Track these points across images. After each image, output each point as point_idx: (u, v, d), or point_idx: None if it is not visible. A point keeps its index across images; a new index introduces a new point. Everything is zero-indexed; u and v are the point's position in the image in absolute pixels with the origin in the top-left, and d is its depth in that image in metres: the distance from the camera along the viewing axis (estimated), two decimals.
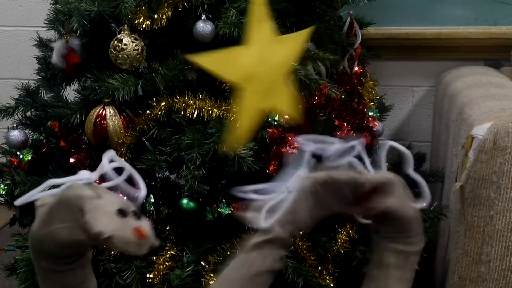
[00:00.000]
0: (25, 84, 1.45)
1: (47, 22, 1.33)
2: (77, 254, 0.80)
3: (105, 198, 0.75)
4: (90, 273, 0.85)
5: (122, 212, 0.75)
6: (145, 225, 0.76)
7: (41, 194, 0.80)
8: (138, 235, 0.73)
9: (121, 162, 0.81)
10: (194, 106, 1.24)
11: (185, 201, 1.20)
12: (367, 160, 0.89)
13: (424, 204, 0.91)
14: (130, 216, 0.76)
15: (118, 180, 0.79)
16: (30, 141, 1.37)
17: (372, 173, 0.89)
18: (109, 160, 0.80)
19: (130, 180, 0.82)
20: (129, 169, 0.82)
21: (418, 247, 0.90)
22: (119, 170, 0.81)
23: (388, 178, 0.91)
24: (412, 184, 0.95)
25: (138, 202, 0.80)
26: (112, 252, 1.26)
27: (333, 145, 0.89)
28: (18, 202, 0.80)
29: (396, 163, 1.61)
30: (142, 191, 0.81)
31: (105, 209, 0.74)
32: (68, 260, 0.80)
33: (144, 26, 1.22)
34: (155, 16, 1.22)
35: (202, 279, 1.24)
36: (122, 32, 1.23)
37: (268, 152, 1.24)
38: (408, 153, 0.90)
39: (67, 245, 0.76)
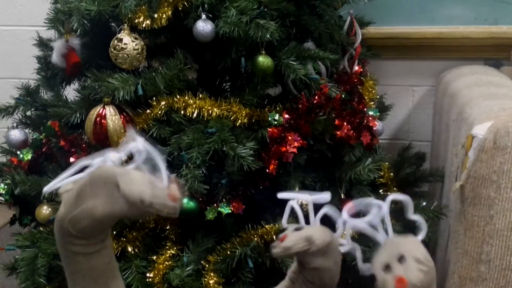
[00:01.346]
0: (25, 84, 1.45)
1: (47, 21, 1.33)
2: (105, 232, 0.83)
3: (132, 171, 0.79)
4: (113, 255, 0.88)
5: (151, 181, 0.78)
6: (174, 188, 0.80)
7: (67, 181, 0.84)
8: (172, 199, 0.78)
9: (146, 146, 0.84)
10: (194, 105, 1.24)
11: (185, 200, 1.20)
12: (389, 223, 0.91)
13: (421, 237, 0.92)
14: (158, 183, 0.79)
15: (139, 160, 0.82)
16: (30, 141, 1.37)
17: (390, 231, 0.91)
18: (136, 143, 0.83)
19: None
20: (156, 157, 0.84)
21: None
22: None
23: (329, 240, 0.93)
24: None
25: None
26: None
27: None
28: (46, 189, 0.84)
29: (396, 163, 1.62)
30: (164, 174, 0.83)
31: (137, 178, 0.77)
32: (96, 240, 0.83)
33: (144, 25, 1.22)
34: (155, 15, 1.22)
35: (202, 279, 1.24)
36: (122, 31, 1.23)
37: (268, 151, 1.25)
38: (407, 199, 0.91)
39: (101, 220, 0.79)
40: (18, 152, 1.36)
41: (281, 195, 0.95)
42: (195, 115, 1.24)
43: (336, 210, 0.93)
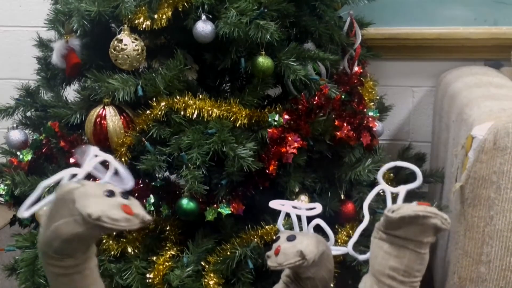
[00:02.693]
0: (25, 84, 1.45)
1: (47, 22, 1.33)
2: (83, 252, 0.83)
3: (90, 185, 0.79)
4: (97, 276, 0.88)
5: (109, 193, 0.78)
6: (133, 202, 0.79)
7: (42, 204, 0.83)
8: (126, 211, 0.76)
9: (104, 155, 0.84)
10: (194, 106, 1.24)
11: (185, 201, 1.20)
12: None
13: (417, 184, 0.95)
14: (118, 196, 0.79)
15: (106, 176, 0.82)
16: (30, 141, 1.37)
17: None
18: (94, 155, 0.83)
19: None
20: (113, 163, 0.84)
21: None
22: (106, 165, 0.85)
23: (321, 251, 0.94)
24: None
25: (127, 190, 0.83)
26: (112, 252, 1.27)
27: None
28: (25, 214, 0.83)
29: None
30: (129, 181, 0.83)
31: (92, 193, 0.77)
32: (76, 261, 0.82)
33: (144, 26, 1.22)
34: (155, 16, 1.22)
35: (202, 279, 1.24)
36: (122, 32, 1.23)
37: (268, 152, 1.25)
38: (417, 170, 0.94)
39: (70, 240, 0.79)
40: (18, 153, 1.36)
41: (273, 205, 0.96)
42: (195, 115, 1.24)
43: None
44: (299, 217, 0.99)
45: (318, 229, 0.99)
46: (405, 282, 0.91)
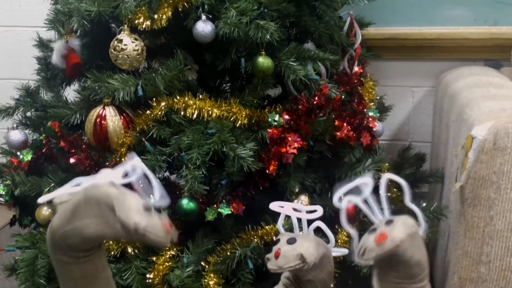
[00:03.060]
0: (25, 84, 1.45)
1: (47, 22, 1.33)
2: (97, 246, 0.83)
3: (129, 195, 0.78)
4: (105, 260, 0.88)
5: (147, 208, 0.78)
6: (167, 219, 0.80)
7: (63, 192, 0.82)
8: (166, 229, 0.77)
9: (143, 168, 0.84)
10: (194, 106, 1.24)
11: (185, 201, 1.20)
12: (384, 203, 0.92)
13: (421, 233, 0.92)
14: (153, 211, 0.79)
15: (133, 178, 0.81)
16: (30, 142, 1.37)
17: (385, 211, 0.91)
18: (133, 166, 0.83)
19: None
20: (153, 179, 0.84)
21: (423, 284, 0.91)
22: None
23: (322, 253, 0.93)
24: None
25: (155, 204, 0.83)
26: (112, 253, 1.26)
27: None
28: (41, 200, 0.84)
29: (396, 163, 1.62)
30: (165, 199, 0.84)
31: (134, 205, 0.77)
32: (87, 253, 0.82)
33: (144, 26, 1.22)
34: (155, 16, 1.22)
35: (202, 280, 1.24)
36: (122, 32, 1.23)
37: (268, 152, 1.25)
38: (405, 184, 0.91)
39: (92, 239, 0.79)
40: (18, 153, 1.36)
41: (273, 207, 0.95)
42: (195, 116, 1.24)
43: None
44: (299, 219, 0.99)
45: (318, 230, 0.99)
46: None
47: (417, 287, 0.90)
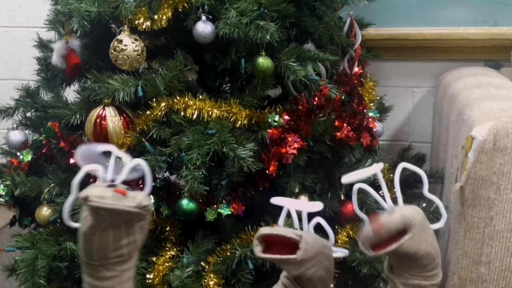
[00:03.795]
0: (25, 85, 1.45)
1: (47, 22, 1.33)
2: (110, 256, 0.84)
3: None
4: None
5: (111, 185, 0.80)
6: (136, 192, 0.81)
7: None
8: (116, 191, 0.79)
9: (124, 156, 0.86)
10: (194, 106, 1.24)
11: (185, 201, 1.20)
12: (385, 189, 0.91)
13: (441, 224, 0.93)
14: (119, 186, 0.81)
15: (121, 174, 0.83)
16: (30, 142, 1.37)
17: (389, 203, 0.91)
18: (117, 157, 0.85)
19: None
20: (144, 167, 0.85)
21: (435, 281, 0.91)
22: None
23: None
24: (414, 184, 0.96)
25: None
26: None
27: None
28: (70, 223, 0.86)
29: (396, 164, 1.62)
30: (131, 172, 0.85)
31: (97, 185, 0.81)
32: (111, 273, 0.85)
33: (144, 26, 1.22)
34: (155, 17, 1.22)
35: (202, 280, 1.24)
36: (122, 33, 1.23)
37: (268, 152, 1.25)
38: (424, 174, 0.92)
39: (88, 235, 0.82)
40: (18, 153, 1.36)
41: (275, 201, 0.96)
42: (195, 116, 1.24)
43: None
44: (300, 218, 0.99)
45: (319, 229, 0.99)
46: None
47: (429, 275, 0.90)
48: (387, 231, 0.85)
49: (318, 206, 0.96)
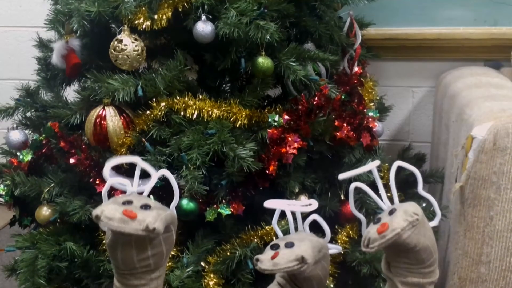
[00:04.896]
0: (25, 85, 1.45)
1: (47, 22, 1.33)
2: (137, 266, 0.86)
3: (120, 196, 0.85)
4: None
5: (127, 202, 0.81)
6: (148, 213, 0.81)
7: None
8: (125, 213, 0.79)
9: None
10: (194, 106, 1.24)
11: (185, 201, 1.20)
12: (394, 190, 0.92)
13: (436, 222, 0.93)
14: (136, 205, 0.81)
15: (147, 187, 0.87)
16: (30, 142, 1.37)
17: (385, 201, 0.91)
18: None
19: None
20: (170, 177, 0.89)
21: (433, 279, 0.91)
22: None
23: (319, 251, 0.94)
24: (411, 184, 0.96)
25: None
26: None
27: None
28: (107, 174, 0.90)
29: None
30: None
31: (113, 200, 0.81)
32: (139, 281, 0.87)
33: (144, 26, 1.22)
34: (155, 16, 1.22)
35: (202, 280, 1.24)
36: (122, 32, 1.23)
37: (268, 152, 1.25)
38: (418, 172, 0.92)
39: (112, 247, 0.85)
40: (18, 153, 1.36)
41: (268, 204, 0.96)
42: (195, 116, 1.24)
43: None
44: (294, 217, 0.99)
45: (316, 227, 0.99)
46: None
47: (427, 272, 0.90)
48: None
49: (312, 205, 0.96)
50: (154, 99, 1.24)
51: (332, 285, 1.28)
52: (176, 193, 0.90)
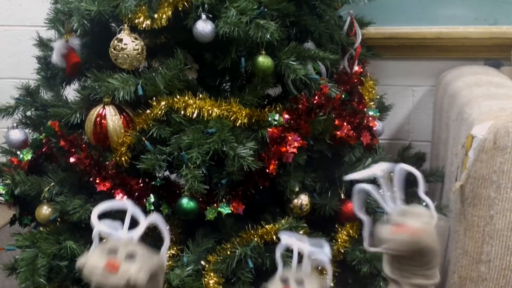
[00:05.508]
0: (25, 84, 1.45)
1: (47, 21, 1.33)
2: None
3: (110, 242, 0.83)
4: None
5: (112, 251, 0.80)
6: (129, 267, 0.80)
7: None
8: (108, 266, 0.79)
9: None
10: (194, 105, 1.24)
11: (185, 200, 1.20)
12: (386, 188, 0.92)
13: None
14: (121, 255, 0.81)
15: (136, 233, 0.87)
16: (30, 141, 1.37)
17: (388, 202, 0.91)
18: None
19: None
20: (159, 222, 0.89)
21: (434, 280, 0.91)
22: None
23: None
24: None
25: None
26: None
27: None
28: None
29: (396, 163, 1.62)
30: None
31: (101, 248, 0.81)
32: None
33: (144, 25, 1.22)
34: (155, 15, 1.22)
35: (202, 279, 1.24)
36: (122, 31, 1.23)
37: (268, 151, 1.25)
38: (420, 175, 0.92)
39: None
40: (18, 152, 1.36)
41: (284, 240, 0.94)
42: (195, 115, 1.24)
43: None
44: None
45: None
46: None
47: (429, 274, 0.91)
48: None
49: (324, 252, 0.94)
50: (154, 98, 1.24)
51: (332, 285, 1.29)
52: (166, 238, 0.89)
